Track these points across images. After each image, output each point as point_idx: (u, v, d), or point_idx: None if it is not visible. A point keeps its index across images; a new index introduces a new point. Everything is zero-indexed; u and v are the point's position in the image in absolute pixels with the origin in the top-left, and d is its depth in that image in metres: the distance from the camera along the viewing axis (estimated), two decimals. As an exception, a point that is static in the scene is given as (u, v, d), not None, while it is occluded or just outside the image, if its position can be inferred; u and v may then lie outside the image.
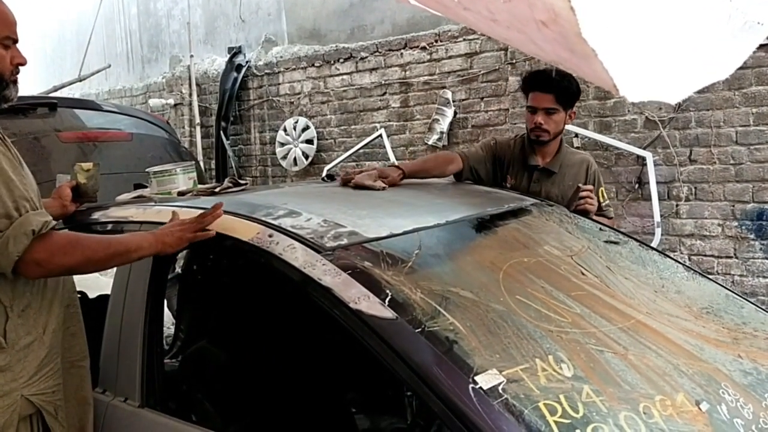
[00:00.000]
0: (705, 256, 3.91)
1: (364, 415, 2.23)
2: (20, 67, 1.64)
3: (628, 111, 4.12)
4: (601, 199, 2.61)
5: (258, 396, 2.12)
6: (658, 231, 3.94)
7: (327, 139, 5.75)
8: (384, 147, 5.25)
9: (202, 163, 5.96)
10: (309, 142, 5.78)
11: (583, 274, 1.80)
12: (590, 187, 2.51)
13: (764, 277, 3.72)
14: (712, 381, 1.43)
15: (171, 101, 6.66)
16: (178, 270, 2.92)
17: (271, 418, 2.08)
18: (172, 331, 2.91)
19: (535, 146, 2.65)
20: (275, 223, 1.66)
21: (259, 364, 2.31)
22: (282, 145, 5.94)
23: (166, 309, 2.49)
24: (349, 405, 2.22)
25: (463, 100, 4.88)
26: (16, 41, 1.61)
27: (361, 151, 5.45)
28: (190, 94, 6.60)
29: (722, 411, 1.34)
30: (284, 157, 5.94)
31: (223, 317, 2.57)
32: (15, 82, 1.63)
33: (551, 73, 2.54)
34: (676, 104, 3.86)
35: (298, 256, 1.52)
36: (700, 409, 1.32)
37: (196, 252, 2.75)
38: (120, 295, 1.81)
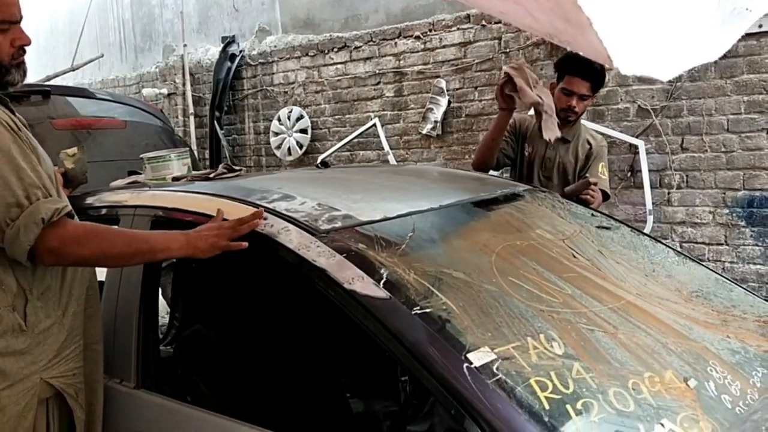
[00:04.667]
0: (696, 243, 3.94)
1: (358, 398, 2.25)
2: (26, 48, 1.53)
3: (621, 99, 4.14)
4: (597, 171, 2.76)
5: (253, 378, 2.14)
6: (650, 218, 3.97)
7: (321, 129, 5.75)
8: (378, 136, 5.25)
9: (196, 153, 5.95)
10: (303, 131, 5.78)
11: (574, 257, 1.82)
12: (595, 179, 2.65)
13: (754, 263, 3.76)
14: (700, 359, 1.46)
15: (164, 91, 6.63)
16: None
17: (266, 400, 2.09)
18: (167, 320, 2.91)
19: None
20: (270, 206, 1.67)
21: (254, 346, 2.32)
22: (276, 134, 5.94)
23: (160, 296, 2.49)
24: (344, 388, 2.24)
25: (457, 89, 4.88)
26: (16, 22, 1.51)
27: (356, 140, 5.45)
28: (184, 84, 6.57)
29: (710, 387, 1.36)
30: (278, 147, 5.93)
31: (217, 301, 2.59)
32: (19, 65, 1.54)
33: (592, 62, 2.63)
34: (668, 93, 3.89)
35: (292, 239, 1.53)
36: (688, 385, 1.34)
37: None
38: (115, 276, 1.82)
